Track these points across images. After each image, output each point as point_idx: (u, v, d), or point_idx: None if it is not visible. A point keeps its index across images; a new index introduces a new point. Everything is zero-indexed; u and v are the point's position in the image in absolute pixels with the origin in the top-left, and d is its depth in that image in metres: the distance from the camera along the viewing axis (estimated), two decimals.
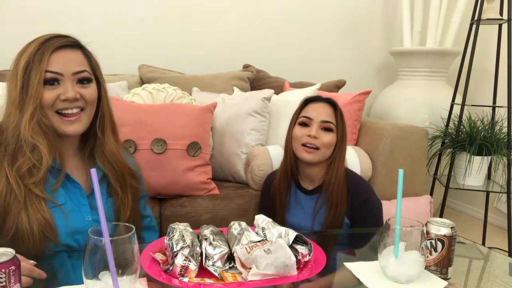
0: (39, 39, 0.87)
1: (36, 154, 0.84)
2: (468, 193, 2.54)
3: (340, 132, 1.23)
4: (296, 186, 1.30)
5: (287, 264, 0.75)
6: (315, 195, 1.26)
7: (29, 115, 0.83)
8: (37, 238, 0.82)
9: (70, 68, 0.88)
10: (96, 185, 0.65)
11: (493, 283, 0.83)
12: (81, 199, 0.93)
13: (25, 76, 0.84)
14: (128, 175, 1.00)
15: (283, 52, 2.65)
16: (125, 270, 0.65)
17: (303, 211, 1.27)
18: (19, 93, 0.84)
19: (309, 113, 1.24)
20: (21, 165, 0.83)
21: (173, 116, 1.59)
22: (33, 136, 0.84)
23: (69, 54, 0.89)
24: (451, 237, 0.79)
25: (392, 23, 2.88)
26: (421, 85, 2.52)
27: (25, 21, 2.13)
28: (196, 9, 2.44)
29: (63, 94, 0.86)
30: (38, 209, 0.83)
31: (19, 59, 0.86)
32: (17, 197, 0.82)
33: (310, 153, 1.21)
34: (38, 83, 0.84)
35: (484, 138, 2.10)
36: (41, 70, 0.84)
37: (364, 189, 1.25)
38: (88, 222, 0.92)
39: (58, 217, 0.86)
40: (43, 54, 0.85)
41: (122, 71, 2.14)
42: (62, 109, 0.88)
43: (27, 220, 0.81)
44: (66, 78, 0.87)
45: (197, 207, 1.55)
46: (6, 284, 0.59)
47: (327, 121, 1.22)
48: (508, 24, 2.07)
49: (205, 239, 0.82)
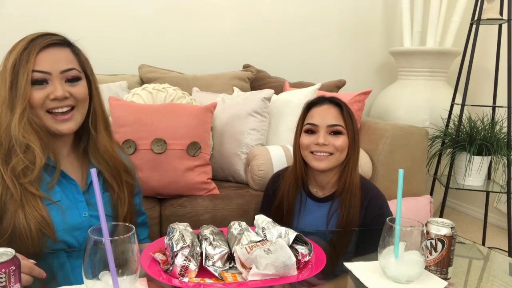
0: (26, 38, 0.87)
1: (29, 153, 0.84)
2: (468, 193, 2.54)
3: (351, 132, 1.15)
4: (306, 193, 1.23)
5: (287, 264, 0.75)
6: (327, 203, 1.19)
7: (18, 115, 0.83)
8: (35, 236, 0.82)
9: (58, 66, 0.87)
10: (97, 185, 0.65)
11: (493, 283, 0.83)
12: (77, 196, 0.93)
13: (13, 76, 0.84)
14: (123, 171, 1.00)
15: (283, 52, 2.65)
16: (125, 270, 0.65)
17: (312, 219, 1.20)
18: (8, 93, 0.84)
19: (314, 119, 1.16)
20: (15, 165, 0.83)
21: (173, 116, 1.59)
22: (24, 135, 0.83)
23: (57, 53, 0.88)
24: (451, 237, 0.79)
25: (392, 23, 2.88)
26: (421, 85, 2.52)
27: (25, 21, 2.13)
28: (196, 9, 2.44)
29: (52, 93, 0.86)
30: (34, 207, 0.83)
31: (7, 59, 0.86)
32: (13, 196, 0.82)
33: (322, 161, 1.14)
34: (26, 83, 0.83)
35: (484, 138, 2.10)
36: (28, 70, 0.83)
37: (379, 204, 1.18)
38: (85, 217, 0.92)
39: (55, 214, 0.87)
40: (29, 53, 0.84)
41: (122, 71, 2.14)
42: (52, 108, 0.87)
43: (24, 218, 0.82)
44: (54, 77, 0.86)
45: (197, 207, 1.55)
46: (6, 284, 0.59)
47: (334, 124, 1.14)
48: (508, 24, 2.07)
49: (205, 239, 0.82)
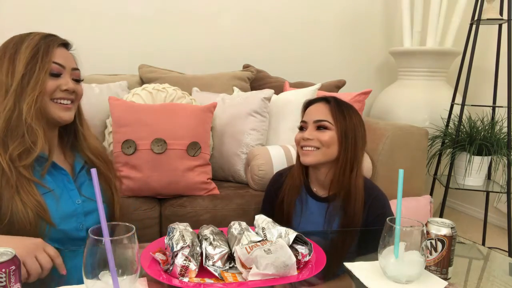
0: (39, 34, 0.93)
1: (31, 138, 0.88)
2: (468, 193, 2.54)
3: (340, 128, 1.16)
4: (308, 192, 1.24)
5: (287, 264, 0.75)
6: (327, 203, 1.19)
7: (32, 101, 0.88)
8: (33, 221, 0.84)
9: (70, 64, 0.96)
10: (97, 185, 0.65)
11: (493, 283, 0.83)
12: (68, 185, 0.96)
13: (29, 64, 0.89)
14: (109, 163, 1.07)
15: (283, 52, 2.65)
16: (125, 270, 0.65)
17: (311, 218, 1.21)
18: (19, 80, 0.88)
19: (305, 117, 1.23)
20: (14, 148, 0.86)
21: (173, 116, 1.59)
22: (34, 120, 0.88)
23: (67, 52, 0.98)
24: (451, 237, 0.79)
25: (392, 23, 2.89)
26: (421, 85, 2.52)
27: (24, 21, 2.13)
28: (196, 9, 2.44)
29: (64, 85, 0.93)
30: (29, 192, 0.85)
31: (16, 48, 0.90)
32: (9, 182, 0.84)
33: (309, 155, 1.17)
34: (45, 72, 0.90)
35: (484, 138, 2.10)
36: (49, 60, 0.91)
37: (381, 203, 1.19)
38: (79, 204, 0.95)
39: (49, 202, 0.89)
40: (49, 46, 0.91)
41: (122, 71, 2.14)
42: (59, 98, 0.94)
43: (22, 204, 0.84)
44: (67, 72, 0.95)
45: (197, 207, 1.55)
46: (6, 284, 0.59)
47: (319, 120, 1.18)
48: (508, 24, 2.07)
49: (205, 239, 0.82)
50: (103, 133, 1.77)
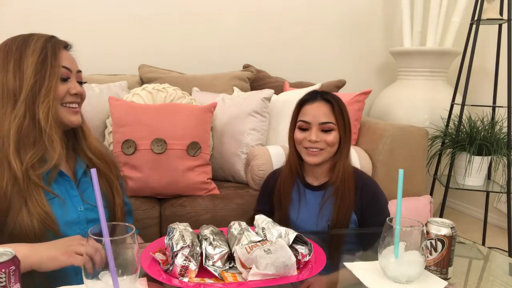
0: (42, 36, 0.91)
1: (51, 146, 0.87)
2: (468, 193, 2.54)
3: (342, 128, 1.21)
4: (302, 182, 1.29)
5: (287, 264, 0.75)
6: (321, 191, 1.24)
7: (48, 108, 0.87)
8: (38, 233, 0.83)
9: (75, 66, 0.95)
10: (96, 185, 0.65)
11: (493, 283, 0.83)
12: (71, 191, 0.95)
13: (39, 70, 0.87)
14: (111, 163, 1.05)
15: (283, 52, 2.65)
16: (125, 270, 0.65)
17: (308, 207, 1.25)
18: (29, 87, 0.86)
19: (306, 117, 1.22)
20: (30, 158, 0.85)
21: (173, 116, 1.59)
22: (53, 129, 0.87)
23: (70, 55, 0.96)
24: (451, 237, 0.79)
25: (392, 23, 2.88)
26: (421, 85, 2.52)
27: (24, 21, 2.13)
28: (196, 9, 2.44)
29: (73, 88, 0.92)
30: (37, 202, 0.84)
31: (20, 53, 0.87)
32: (20, 191, 0.83)
33: (315, 156, 1.21)
34: (57, 78, 0.89)
35: (484, 138, 2.10)
36: (58, 65, 0.89)
37: (372, 186, 1.25)
38: (81, 212, 0.94)
39: (55, 208, 0.88)
40: (55, 50, 0.90)
41: (122, 71, 2.14)
42: (68, 102, 0.93)
43: (28, 216, 0.83)
44: (73, 75, 0.94)
45: (197, 207, 1.55)
46: (6, 284, 0.59)
47: (325, 122, 1.20)
48: (508, 24, 2.07)
49: (205, 239, 0.82)
50: (103, 133, 1.78)
